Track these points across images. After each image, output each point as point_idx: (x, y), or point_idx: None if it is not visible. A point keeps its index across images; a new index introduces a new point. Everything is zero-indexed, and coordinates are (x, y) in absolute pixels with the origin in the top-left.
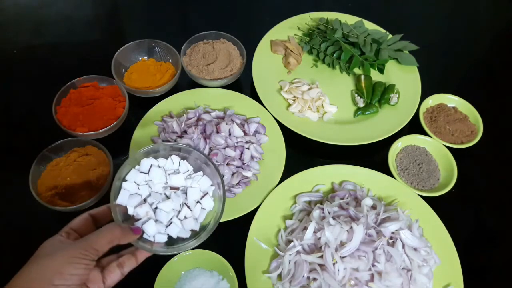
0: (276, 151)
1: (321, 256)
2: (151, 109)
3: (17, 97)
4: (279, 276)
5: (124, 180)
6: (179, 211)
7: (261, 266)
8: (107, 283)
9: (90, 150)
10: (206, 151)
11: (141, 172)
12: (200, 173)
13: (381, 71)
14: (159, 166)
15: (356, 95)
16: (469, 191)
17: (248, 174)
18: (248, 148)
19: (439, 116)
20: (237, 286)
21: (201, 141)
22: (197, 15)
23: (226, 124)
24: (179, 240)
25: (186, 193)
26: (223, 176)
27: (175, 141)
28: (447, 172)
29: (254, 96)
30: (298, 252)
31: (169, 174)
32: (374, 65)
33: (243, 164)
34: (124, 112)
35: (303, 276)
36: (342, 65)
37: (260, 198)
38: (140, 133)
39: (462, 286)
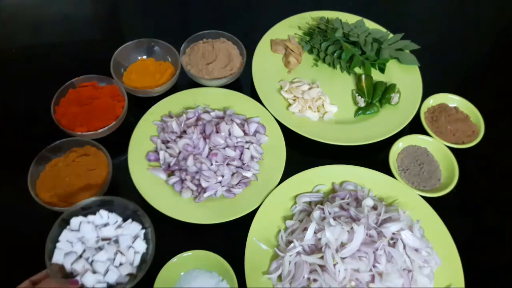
0: (276, 151)
1: (322, 257)
2: (150, 109)
3: (16, 97)
4: (279, 277)
5: (57, 241)
6: (114, 259)
7: (261, 267)
8: None
9: (89, 150)
10: (206, 151)
11: (72, 230)
12: (129, 221)
13: (382, 70)
14: (88, 222)
15: (357, 94)
16: (471, 191)
17: (248, 174)
18: (248, 148)
19: (440, 116)
20: (237, 287)
21: (200, 141)
22: (197, 14)
23: (226, 124)
24: (118, 285)
25: (118, 241)
26: (223, 176)
27: (175, 141)
28: (448, 172)
29: (254, 96)
30: (298, 253)
31: (99, 228)
32: (375, 64)
33: (243, 164)
34: (123, 112)
35: (304, 277)
36: (343, 64)
37: (260, 199)
38: (139, 133)
39: (463, 286)
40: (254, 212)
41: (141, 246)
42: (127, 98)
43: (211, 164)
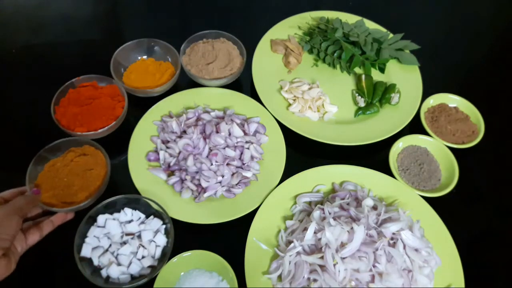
0: (276, 151)
1: (322, 257)
2: (150, 109)
3: (16, 97)
4: (279, 277)
5: (85, 236)
6: (137, 252)
7: (261, 267)
8: (28, 242)
9: (87, 150)
10: (206, 151)
11: (99, 226)
12: (151, 217)
13: (382, 70)
14: (113, 219)
15: (357, 94)
16: (471, 191)
17: (248, 174)
18: (248, 148)
19: (440, 116)
20: (237, 287)
21: (200, 141)
22: (197, 14)
23: (226, 124)
24: (141, 276)
25: (140, 236)
26: (223, 176)
27: (174, 141)
28: (448, 172)
29: (254, 96)
30: (298, 253)
31: (124, 225)
32: (375, 64)
33: (243, 164)
34: (123, 112)
35: (304, 277)
36: (343, 64)
37: (260, 199)
38: (139, 133)
39: (463, 286)
40: (254, 212)
41: (161, 240)
42: (127, 98)
43: (211, 164)
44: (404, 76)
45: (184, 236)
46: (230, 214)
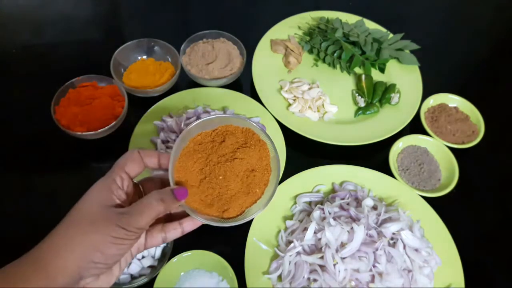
0: None
1: (322, 257)
2: (150, 109)
3: (16, 96)
4: (279, 277)
5: None
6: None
7: (261, 267)
8: (147, 246)
9: (250, 137)
10: None
11: None
12: None
13: (382, 70)
14: None
15: (357, 94)
16: (471, 191)
17: None
18: None
19: (440, 116)
20: (237, 287)
21: None
22: (197, 14)
23: None
24: (141, 276)
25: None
26: None
27: (174, 141)
28: (448, 172)
29: (254, 95)
30: (298, 253)
31: None
32: (375, 64)
33: None
34: (123, 112)
35: (304, 277)
36: (343, 64)
37: None
38: (139, 133)
39: (463, 286)
40: None
41: None
42: (127, 98)
43: None
44: (404, 76)
45: (184, 236)
46: None
